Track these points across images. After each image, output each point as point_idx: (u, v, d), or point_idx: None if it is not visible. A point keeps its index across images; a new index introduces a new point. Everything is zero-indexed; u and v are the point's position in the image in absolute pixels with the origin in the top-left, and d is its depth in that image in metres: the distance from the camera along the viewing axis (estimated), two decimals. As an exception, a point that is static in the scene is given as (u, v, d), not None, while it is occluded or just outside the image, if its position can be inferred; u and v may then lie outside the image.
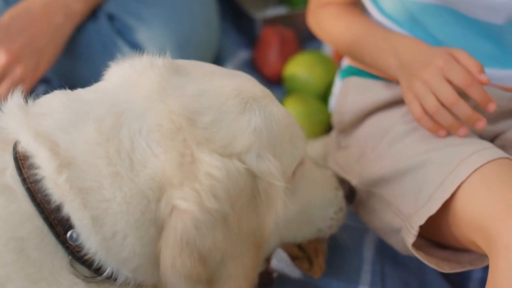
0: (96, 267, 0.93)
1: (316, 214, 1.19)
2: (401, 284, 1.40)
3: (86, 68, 1.72)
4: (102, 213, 0.91)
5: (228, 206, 0.92)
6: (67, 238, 0.91)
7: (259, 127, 1.00)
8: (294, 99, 1.79)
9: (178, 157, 0.92)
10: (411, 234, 1.18)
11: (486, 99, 1.18)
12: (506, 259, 1.00)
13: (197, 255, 0.90)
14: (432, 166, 1.20)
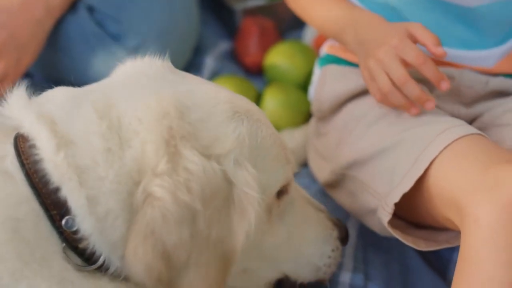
0: (89, 255, 0.93)
1: (312, 251, 1.19)
2: (383, 270, 1.41)
3: (67, 61, 1.71)
4: (97, 192, 0.92)
5: (200, 204, 0.92)
6: (63, 224, 0.91)
7: (242, 136, 1.01)
8: (274, 89, 1.79)
9: (163, 143, 0.93)
10: (387, 212, 1.20)
11: (438, 77, 1.19)
12: (475, 232, 1.01)
13: (160, 248, 0.90)
14: (406, 145, 1.22)
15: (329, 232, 1.21)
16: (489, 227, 0.99)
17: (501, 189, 1.01)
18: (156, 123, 0.95)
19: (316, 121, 1.51)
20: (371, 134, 1.30)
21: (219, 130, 0.99)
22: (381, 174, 1.25)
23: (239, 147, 1.00)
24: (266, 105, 1.75)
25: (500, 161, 1.06)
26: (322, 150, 1.45)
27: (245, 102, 1.09)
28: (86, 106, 0.97)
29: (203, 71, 1.90)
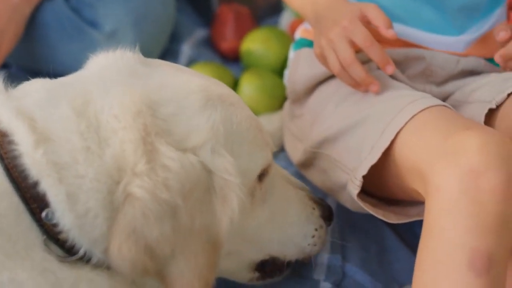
0: (69, 247, 0.93)
1: (296, 232, 1.19)
2: (361, 250, 1.42)
3: (44, 49, 1.70)
4: (77, 190, 0.92)
5: (180, 199, 0.92)
6: (43, 217, 0.91)
7: (217, 124, 1.01)
8: (251, 74, 1.80)
9: (141, 142, 0.94)
10: (355, 185, 1.21)
11: (384, 60, 1.21)
12: (437, 200, 1.01)
13: (143, 244, 0.90)
14: (372, 119, 1.23)
15: (310, 211, 1.21)
16: (451, 194, 1.00)
17: (461, 156, 1.01)
18: (132, 121, 0.95)
19: (290, 103, 1.52)
20: (340, 112, 1.31)
21: (193, 122, 0.99)
22: (350, 150, 1.26)
23: (215, 136, 1.00)
24: (243, 90, 1.76)
25: (460, 129, 1.06)
26: (297, 132, 1.46)
27: (219, 87, 1.08)
28: (63, 103, 0.97)
29: (180, 58, 1.90)
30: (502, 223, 0.98)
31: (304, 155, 1.40)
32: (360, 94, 1.29)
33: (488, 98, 1.25)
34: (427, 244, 1.02)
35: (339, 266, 1.37)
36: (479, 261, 0.96)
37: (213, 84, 1.08)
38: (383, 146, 1.17)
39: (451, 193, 1.00)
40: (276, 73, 1.84)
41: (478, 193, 0.98)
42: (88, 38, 1.68)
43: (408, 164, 1.13)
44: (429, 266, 1.00)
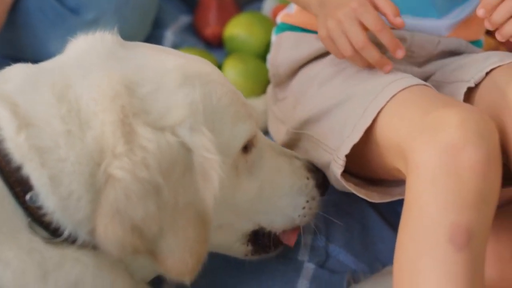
0: (54, 229, 0.95)
1: (286, 203, 1.20)
2: (344, 231, 1.42)
3: (27, 37, 1.70)
4: (59, 173, 0.94)
5: (160, 177, 0.93)
6: (27, 200, 0.93)
7: (195, 101, 1.01)
8: (234, 59, 1.81)
9: (120, 123, 0.95)
10: (339, 165, 1.22)
11: (395, 45, 1.19)
12: (417, 177, 1.02)
13: (129, 225, 0.92)
14: (354, 99, 1.24)
15: (304, 182, 1.22)
16: (430, 171, 1.00)
17: (440, 133, 1.02)
18: (110, 103, 0.96)
19: (273, 87, 1.52)
20: (322, 93, 1.32)
21: (170, 100, 1.00)
22: (332, 130, 1.26)
23: (193, 113, 1.01)
24: (226, 75, 1.73)
25: (439, 106, 1.07)
26: (280, 115, 1.47)
27: (199, 65, 1.09)
28: (44, 89, 0.99)
29: (163, 45, 1.90)
30: (481, 199, 0.99)
31: (287, 136, 1.40)
32: (343, 75, 1.30)
33: (467, 78, 1.26)
34: (408, 221, 1.03)
35: (322, 247, 1.38)
36: (459, 236, 0.97)
37: (193, 62, 1.09)
38: (364, 125, 1.18)
39: (430, 169, 1.01)
40: (260, 57, 1.84)
41: (457, 169, 0.99)
42: (71, 26, 1.68)
43: (389, 143, 1.14)
44: (410, 243, 1.01)
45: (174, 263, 0.97)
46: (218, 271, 1.24)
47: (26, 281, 0.92)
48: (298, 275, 1.31)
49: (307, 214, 1.23)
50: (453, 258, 0.97)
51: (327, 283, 1.31)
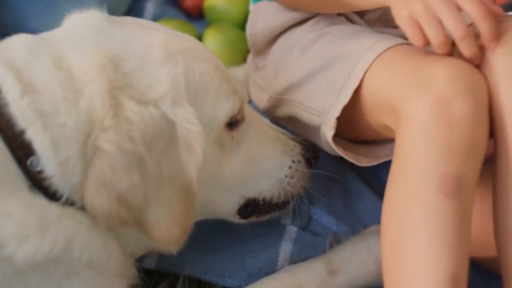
0: (53, 193, 0.98)
1: (272, 164, 1.22)
2: (326, 193, 1.44)
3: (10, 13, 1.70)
4: (59, 137, 0.97)
5: (143, 149, 0.96)
6: (28, 164, 0.96)
7: (177, 77, 1.05)
8: (213, 30, 1.81)
9: (107, 95, 0.99)
10: (329, 127, 1.23)
11: (494, 34, 1.06)
12: (409, 129, 1.04)
13: (114, 195, 0.95)
14: (339, 61, 1.25)
15: (289, 147, 1.25)
16: (422, 122, 1.02)
17: (432, 85, 1.03)
18: (97, 74, 1.00)
19: (253, 56, 1.53)
20: (305, 58, 1.33)
21: (154, 76, 1.04)
22: (318, 93, 1.28)
23: (175, 88, 1.04)
24: (207, 46, 1.74)
25: (429, 61, 1.08)
26: (261, 82, 1.48)
27: (183, 42, 1.12)
28: (43, 56, 1.02)
29: (144, 16, 1.89)
30: (470, 149, 1.02)
31: (269, 103, 1.42)
32: (325, 40, 1.31)
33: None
34: (399, 171, 1.05)
35: (305, 210, 1.40)
36: (449, 184, 1.00)
37: (178, 39, 1.12)
38: (353, 86, 1.19)
39: (422, 121, 1.03)
40: (240, 27, 1.84)
41: (448, 120, 1.01)
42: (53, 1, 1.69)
43: (379, 101, 1.16)
44: (401, 192, 1.04)
45: (160, 233, 1.00)
46: (202, 235, 1.24)
47: (26, 233, 0.94)
48: (280, 237, 1.33)
49: (295, 175, 1.25)
50: (443, 207, 1.00)
51: (310, 244, 1.33)
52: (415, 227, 1.01)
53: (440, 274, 0.98)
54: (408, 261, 1.01)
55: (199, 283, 1.29)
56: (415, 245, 1.00)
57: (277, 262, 1.30)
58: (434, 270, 0.98)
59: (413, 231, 1.01)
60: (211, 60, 1.13)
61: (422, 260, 0.99)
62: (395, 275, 1.03)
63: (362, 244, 1.29)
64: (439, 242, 0.99)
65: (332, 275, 1.24)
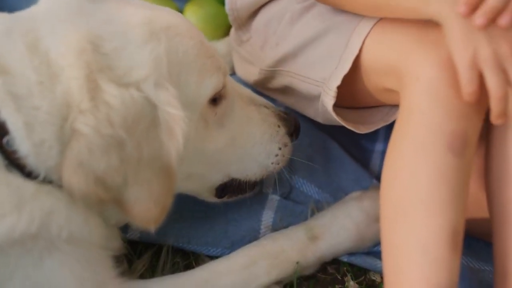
0: (29, 172, 0.97)
1: (259, 151, 1.22)
2: (307, 163, 1.43)
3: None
4: (33, 120, 0.96)
5: (123, 132, 0.95)
6: (4, 143, 0.96)
7: (160, 57, 1.02)
8: (194, 5, 1.80)
9: (85, 79, 0.97)
10: (330, 96, 1.23)
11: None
12: (416, 88, 1.05)
13: (91, 176, 0.94)
14: (334, 31, 1.24)
15: (275, 130, 1.23)
16: (431, 81, 1.04)
17: (440, 48, 1.04)
18: (76, 59, 0.98)
19: (235, 30, 1.52)
20: (297, 28, 1.32)
21: (136, 56, 1.01)
22: (314, 62, 1.28)
23: (158, 69, 1.01)
24: (188, 21, 1.77)
25: (436, 25, 1.07)
26: (247, 55, 1.47)
27: (166, 18, 1.08)
28: (18, 39, 1.00)
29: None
30: (475, 107, 1.03)
31: (260, 76, 1.42)
32: (315, 10, 1.30)
33: None
34: (406, 129, 1.06)
35: (286, 180, 1.40)
36: (457, 142, 1.01)
37: (161, 15, 1.08)
38: (352, 54, 1.19)
39: (431, 79, 1.04)
40: (220, 2, 1.84)
41: (456, 80, 1.02)
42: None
43: (380, 65, 1.16)
44: (407, 149, 1.05)
45: (139, 212, 1.00)
46: (185, 205, 1.26)
47: (2, 211, 0.95)
48: (263, 206, 1.34)
49: (280, 161, 1.25)
50: (451, 164, 1.01)
51: (291, 213, 1.34)
52: (420, 180, 1.02)
53: (441, 227, 1.00)
54: (411, 211, 1.02)
55: (182, 252, 1.30)
56: (418, 198, 1.02)
57: (260, 230, 1.31)
58: (436, 222, 1.00)
59: (417, 184, 1.02)
60: (195, 37, 1.11)
61: (425, 212, 1.01)
62: (394, 223, 1.04)
63: (342, 211, 1.30)
64: (442, 196, 1.01)
65: (313, 241, 1.25)
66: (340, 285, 1.28)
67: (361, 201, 1.31)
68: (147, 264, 1.26)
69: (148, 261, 1.26)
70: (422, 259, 0.99)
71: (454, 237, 1.00)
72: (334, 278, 1.29)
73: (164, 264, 1.27)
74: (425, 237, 1.00)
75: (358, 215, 1.29)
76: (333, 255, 1.28)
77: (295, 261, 1.23)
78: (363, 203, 1.30)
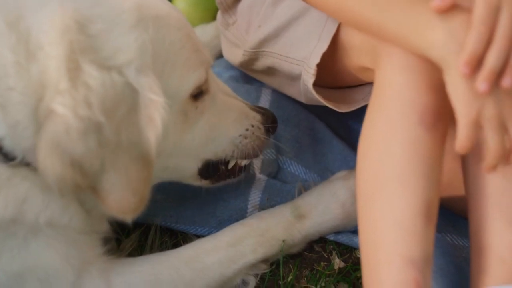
0: (5, 153, 0.96)
1: (228, 128, 1.19)
2: (294, 143, 1.46)
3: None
4: (7, 101, 0.94)
5: (102, 116, 0.92)
6: None
7: (145, 44, 0.99)
8: (183, -11, 1.79)
9: (65, 59, 0.93)
10: (310, 74, 1.23)
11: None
12: (389, 64, 1.05)
13: (68, 160, 0.91)
14: (314, 10, 1.24)
15: (251, 115, 1.22)
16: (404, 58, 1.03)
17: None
18: (59, 38, 0.94)
19: (222, 13, 1.52)
20: (278, 10, 1.32)
21: (121, 40, 0.98)
22: (295, 42, 1.27)
23: (142, 56, 0.99)
24: (177, 5, 1.74)
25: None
26: (233, 38, 1.47)
27: (157, 6, 1.06)
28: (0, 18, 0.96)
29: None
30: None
31: (244, 57, 1.41)
32: None
33: None
34: (380, 104, 1.06)
35: (273, 160, 1.41)
36: (428, 116, 1.01)
37: (151, 3, 1.05)
38: (331, 31, 1.19)
39: (404, 56, 1.03)
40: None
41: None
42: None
43: (357, 42, 1.16)
44: (381, 123, 1.05)
45: (116, 201, 0.97)
46: (173, 185, 1.25)
47: None
48: (250, 186, 1.34)
49: (249, 137, 1.22)
50: (423, 137, 1.01)
51: (279, 192, 1.34)
52: (393, 155, 1.02)
53: (415, 199, 0.99)
54: (385, 186, 1.02)
55: (171, 232, 1.30)
56: (392, 172, 1.01)
57: (247, 210, 1.31)
58: (410, 195, 1.00)
59: (391, 159, 1.02)
60: (183, 29, 1.08)
61: (398, 185, 1.01)
62: (370, 198, 1.04)
63: (328, 190, 1.30)
64: (415, 170, 1.00)
65: (299, 220, 1.25)
66: (326, 262, 1.28)
67: (347, 180, 1.31)
68: (135, 244, 1.26)
69: (136, 240, 1.26)
70: (396, 233, 0.99)
71: (428, 210, 0.99)
72: (320, 256, 1.29)
73: (152, 243, 1.27)
74: (398, 210, 0.99)
75: (344, 193, 1.28)
76: (319, 233, 1.28)
77: (281, 239, 1.23)
78: (349, 182, 1.29)
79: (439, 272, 1.17)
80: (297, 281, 1.24)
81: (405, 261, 0.97)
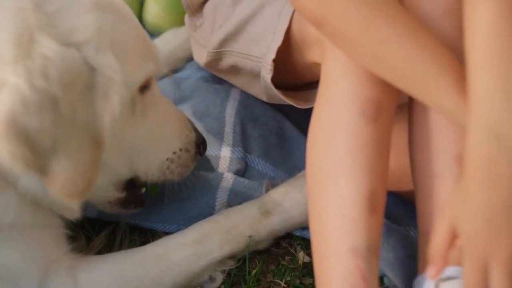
0: None
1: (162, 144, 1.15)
2: (262, 142, 1.45)
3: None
4: None
5: (59, 90, 0.90)
6: None
7: (104, 26, 0.99)
8: (155, -6, 1.78)
9: (15, 34, 0.92)
10: (267, 70, 1.23)
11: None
12: (332, 57, 1.05)
13: (22, 134, 0.88)
14: (268, 5, 1.24)
15: (185, 133, 1.18)
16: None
17: None
18: (12, 15, 0.93)
19: (189, 16, 1.51)
20: (239, 9, 1.32)
21: (80, 19, 0.97)
22: (253, 39, 1.27)
23: (101, 36, 0.98)
24: (149, 10, 1.76)
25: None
26: (201, 40, 1.46)
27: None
28: None
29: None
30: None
31: (208, 58, 1.40)
32: None
33: None
34: (324, 97, 1.06)
35: (241, 158, 1.41)
36: (370, 108, 1.01)
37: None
38: (283, 26, 1.19)
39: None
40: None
41: None
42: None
43: (307, 37, 1.16)
44: (325, 116, 1.04)
45: (63, 183, 0.94)
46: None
47: None
48: (218, 184, 1.33)
49: (176, 162, 1.17)
50: (363, 129, 1.00)
51: (246, 189, 1.33)
52: (336, 147, 1.02)
53: (357, 190, 0.99)
54: (329, 178, 1.02)
55: (140, 230, 1.29)
56: (335, 164, 1.01)
57: (215, 207, 1.29)
58: (352, 187, 1.00)
59: (334, 151, 1.02)
60: (135, 21, 1.09)
61: (341, 177, 1.00)
62: (316, 192, 1.04)
63: (295, 186, 1.29)
64: (357, 161, 1.00)
65: (266, 216, 1.25)
66: (292, 257, 1.27)
67: (313, 177, 1.30)
68: (104, 242, 1.24)
69: (105, 238, 1.25)
70: (340, 224, 0.98)
71: (371, 200, 0.99)
72: (286, 252, 1.28)
73: (121, 241, 1.25)
74: (342, 202, 0.99)
75: (310, 190, 1.28)
76: (286, 229, 1.27)
77: (247, 235, 1.22)
78: (315, 179, 1.29)
79: (399, 264, 1.17)
80: (263, 276, 1.23)
81: (349, 251, 0.97)
